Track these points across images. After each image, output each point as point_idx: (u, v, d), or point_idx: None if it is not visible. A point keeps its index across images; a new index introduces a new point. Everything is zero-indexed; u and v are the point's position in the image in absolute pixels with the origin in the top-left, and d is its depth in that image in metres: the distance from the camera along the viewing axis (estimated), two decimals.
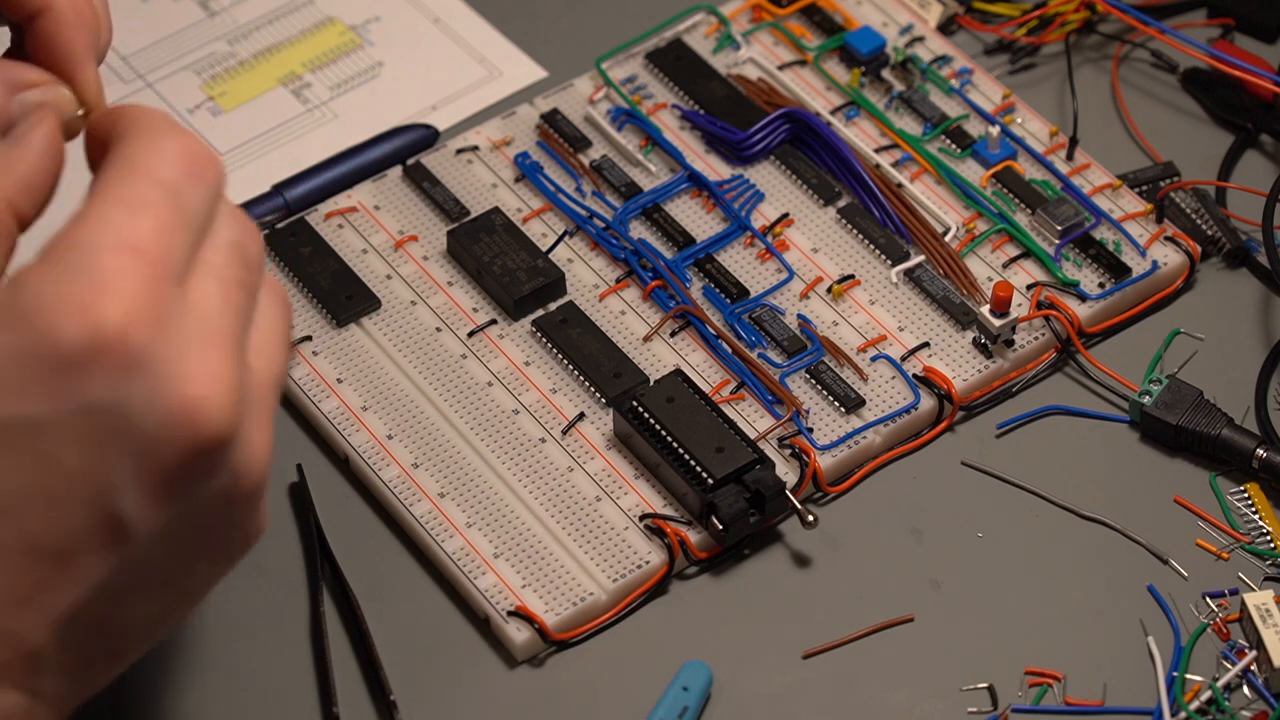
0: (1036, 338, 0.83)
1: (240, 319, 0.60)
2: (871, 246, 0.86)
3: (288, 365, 0.63)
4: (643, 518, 0.77)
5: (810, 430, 0.80)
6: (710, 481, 0.76)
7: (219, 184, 0.60)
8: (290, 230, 0.86)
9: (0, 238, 0.60)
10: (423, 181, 0.88)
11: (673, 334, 0.83)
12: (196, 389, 0.57)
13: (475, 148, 0.90)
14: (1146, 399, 0.81)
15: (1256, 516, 0.79)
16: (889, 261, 0.85)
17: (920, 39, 0.93)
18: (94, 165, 0.62)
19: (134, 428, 0.57)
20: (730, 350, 0.82)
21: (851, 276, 0.85)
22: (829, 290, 0.84)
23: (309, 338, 0.83)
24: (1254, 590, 0.76)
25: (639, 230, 0.87)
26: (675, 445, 0.77)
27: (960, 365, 0.82)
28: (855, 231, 0.86)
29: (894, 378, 0.82)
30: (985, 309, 0.82)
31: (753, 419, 0.80)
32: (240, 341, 0.60)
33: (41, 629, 0.58)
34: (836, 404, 0.81)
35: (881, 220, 0.87)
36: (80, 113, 0.67)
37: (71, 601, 0.58)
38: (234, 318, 0.60)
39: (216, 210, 0.60)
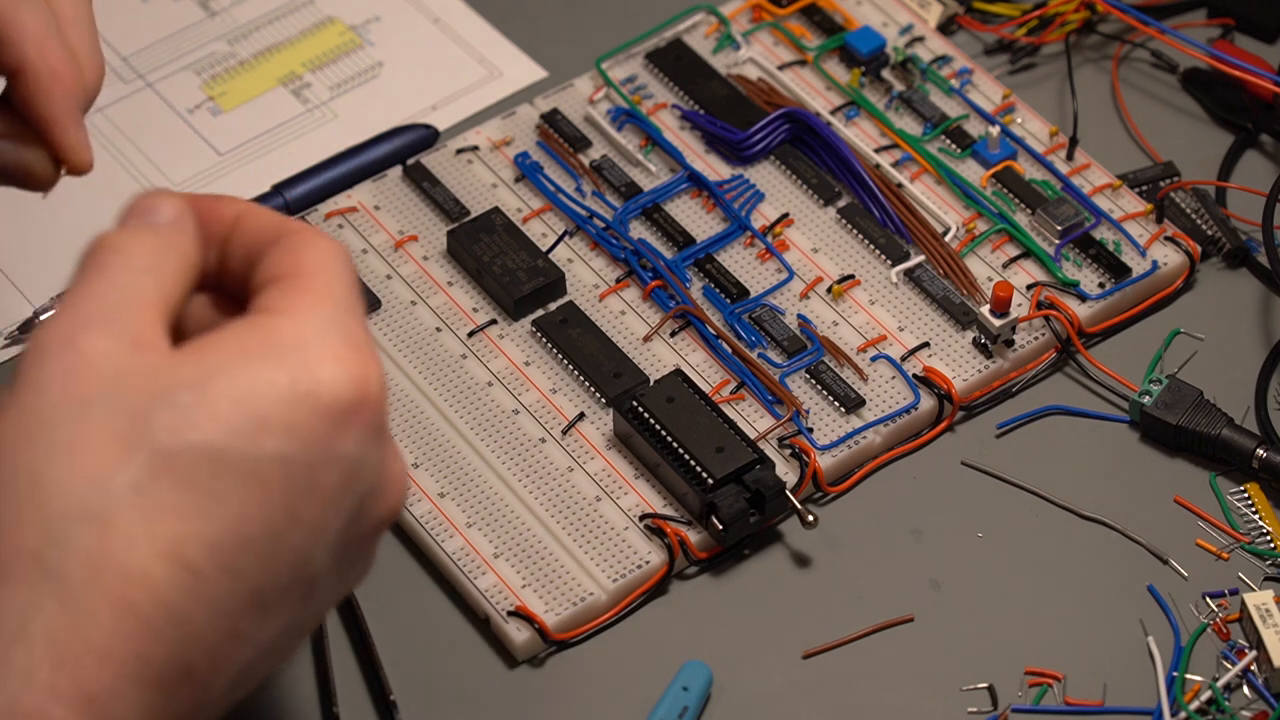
0: (1036, 338, 0.83)
1: None
2: (871, 246, 0.86)
3: None
4: (643, 518, 0.77)
5: (810, 430, 0.80)
6: (710, 481, 0.76)
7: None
8: None
9: (175, 314, 0.61)
10: (423, 181, 0.88)
11: (673, 334, 0.83)
12: (402, 472, 0.62)
13: (475, 148, 0.90)
14: (1146, 399, 0.81)
15: (1256, 516, 0.79)
16: (889, 261, 0.85)
17: (920, 39, 0.93)
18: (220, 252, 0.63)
19: (359, 489, 0.59)
20: (730, 350, 0.82)
21: (851, 276, 0.85)
22: (829, 290, 0.84)
23: None
24: (1254, 590, 0.76)
25: (639, 230, 0.87)
26: (675, 445, 0.77)
27: (960, 365, 0.82)
28: (855, 231, 0.86)
29: (894, 378, 0.82)
30: (985, 309, 0.82)
31: (753, 419, 0.80)
32: None
33: (224, 682, 0.58)
34: (836, 404, 0.81)
35: (881, 220, 0.87)
36: (63, 171, 0.70)
37: (256, 655, 0.58)
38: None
39: None
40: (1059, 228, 0.85)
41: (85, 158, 0.70)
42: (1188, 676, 0.74)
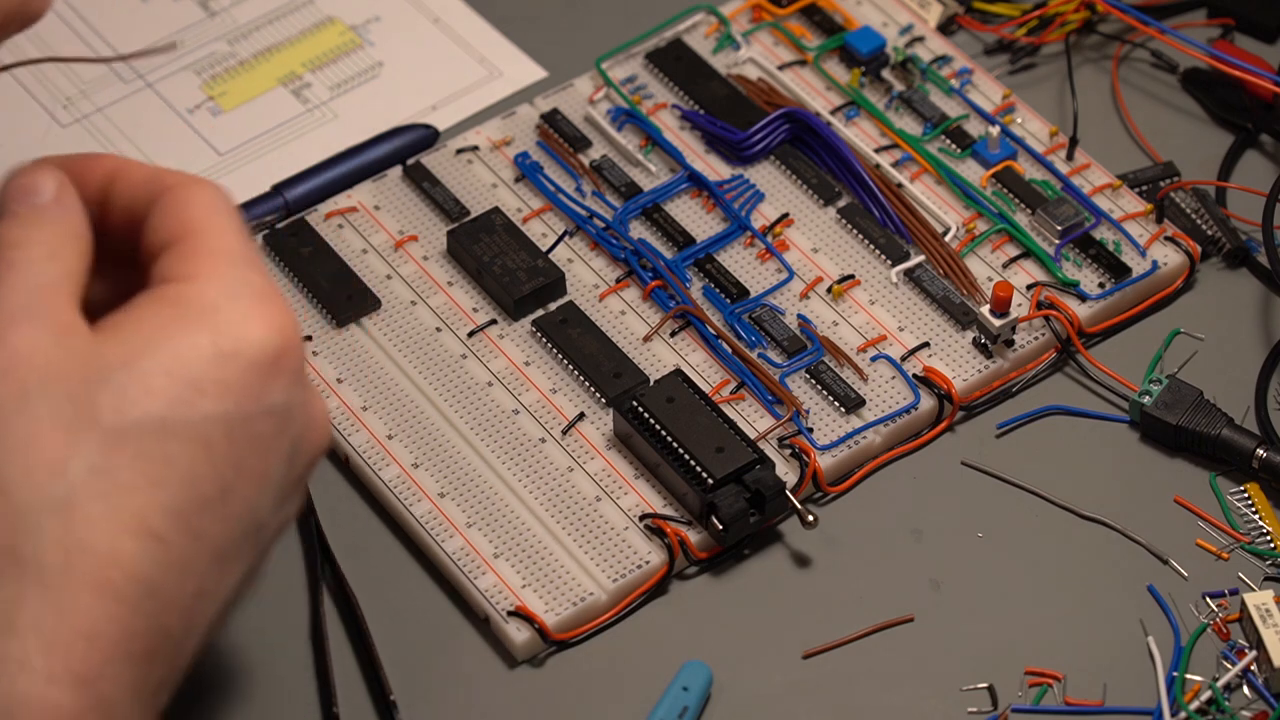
0: (1036, 338, 0.83)
1: None
2: (871, 246, 0.86)
3: None
4: (643, 518, 0.77)
5: (810, 430, 0.80)
6: (710, 481, 0.76)
7: None
8: (290, 230, 0.86)
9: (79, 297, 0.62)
10: (423, 181, 0.88)
11: (673, 334, 0.83)
12: (323, 405, 0.64)
13: (475, 148, 0.90)
14: (1146, 399, 0.81)
15: (1256, 516, 0.79)
16: (889, 261, 0.85)
17: (920, 39, 0.93)
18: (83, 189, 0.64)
19: (291, 431, 0.61)
20: (730, 350, 0.82)
21: (851, 276, 0.85)
22: (829, 290, 0.84)
23: (309, 338, 0.83)
24: (1254, 590, 0.76)
25: (639, 230, 0.87)
26: (675, 445, 0.77)
27: (960, 365, 0.82)
28: (855, 231, 0.86)
29: (894, 378, 0.82)
30: (985, 309, 0.82)
31: (753, 419, 0.80)
32: None
33: (195, 641, 0.60)
34: (836, 404, 0.81)
35: (881, 220, 0.87)
36: None
37: (217, 610, 0.61)
38: None
39: None
40: (1059, 228, 0.85)
41: None
42: (1188, 676, 0.74)
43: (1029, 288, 0.84)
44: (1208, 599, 0.76)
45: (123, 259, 0.64)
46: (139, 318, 0.60)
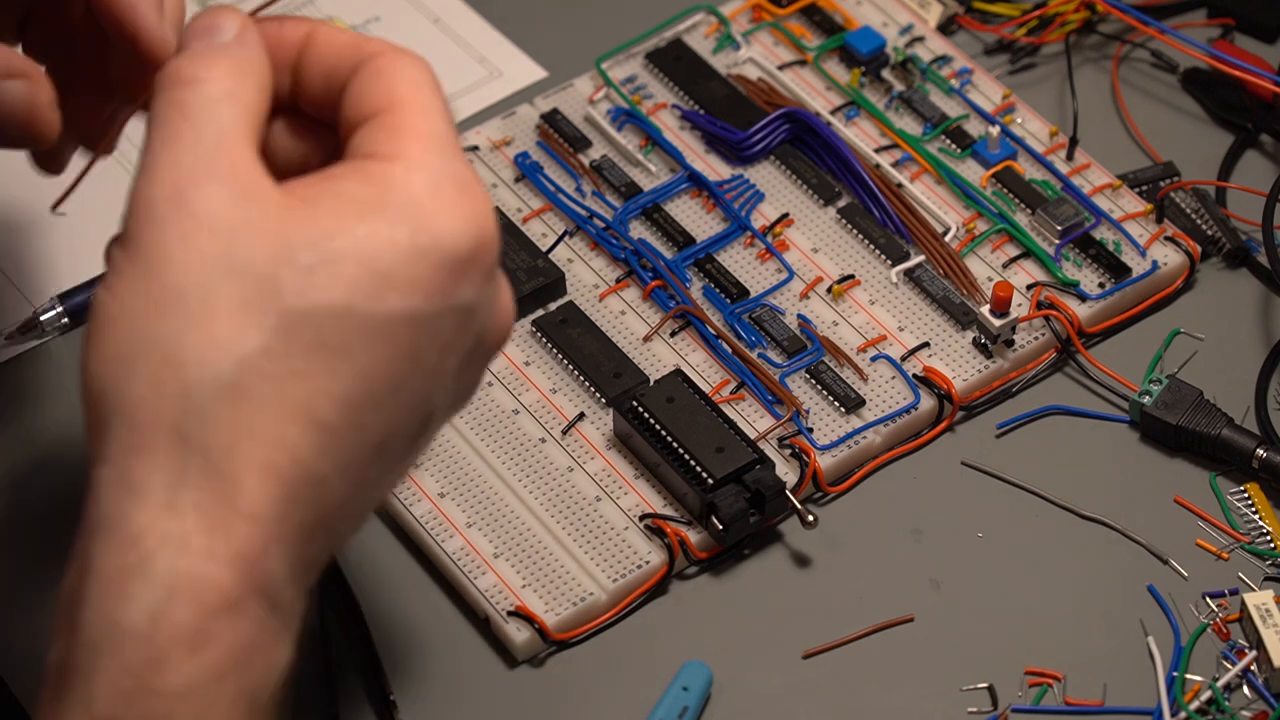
0: (1036, 338, 0.83)
1: None
2: (871, 246, 0.86)
3: None
4: (643, 518, 0.77)
5: (810, 430, 0.80)
6: (710, 481, 0.76)
7: None
8: None
9: (260, 140, 0.60)
10: None
11: (673, 334, 0.83)
12: (509, 298, 0.62)
13: (475, 148, 0.90)
14: (1146, 399, 0.81)
15: (1256, 516, 0.79)
16: (889, 261, 0.85)
17: (920, 39, 0.93)
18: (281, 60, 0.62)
19: (474, 328, 0.60)
20: (730, 350, 0.82)
21: (851, 276, 0.85)
22: (829, 290, 0.84)
23: None
24: (1254, 590, 0.76)
25: (639, 230, 0.87)
26: (675, 445, 0.77)
27: (960, 365, 0.82)
28: (855, 231, 0.86)
29: (894, 378, 0.82)
30: (985, 309, 0.82)
31: (753, 419, 0.80)
32: None
33: (350, 528, 0.59)
34: (836, 404, 0.81)
35: (881, 220, 0.87)
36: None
37: (379, 501, 0.60)
38: None
39: None
40: (1059, 228, 0.85)
41: (167, 45, 0.65)
42: (1188, 676, 0.74)
43: (1029, 288, 0.84)
44: (1208, 599, 0.76)
45: (321, 126, 0.62)
46: (337, 191, 0.58)
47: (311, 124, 0.63)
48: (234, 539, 0.55)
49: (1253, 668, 0.74)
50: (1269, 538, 0.78)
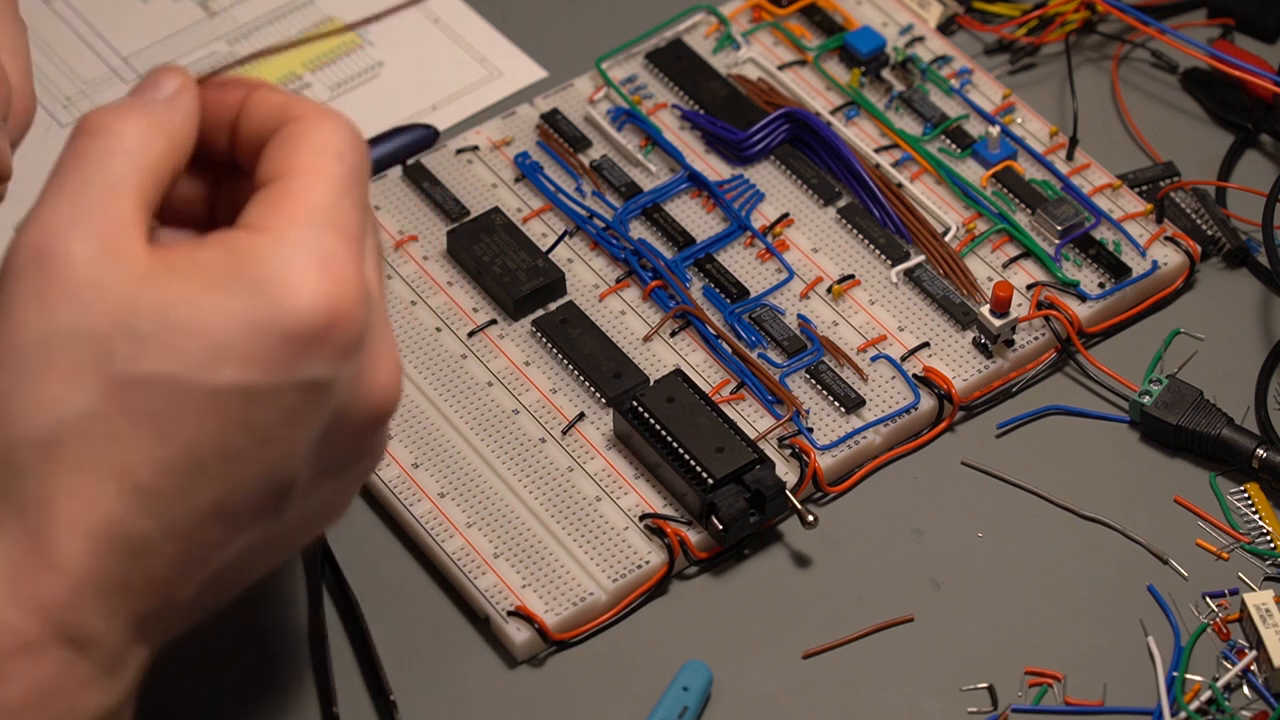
0: (1036, 338, 0.83)
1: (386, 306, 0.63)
2: (871, 246, 0.86)
3: None
4: (643, 518, 0.77)
5: (810, 430, 0.80)
6: (710, 481, 0.76)
7: (370, 165, 0.63)
8: None
9: (159, 199, 0.60)
10: (423, 181, 0.88)
11: (673, 334, 0.83)
12: (385, 375, 0.61)
13: (475, 148, 0.90)
14: (1146, 399, 0.81)
15: (1256, 516, 0.79)
16: (889, 261, 0.85)
17: (920, 39, 0.93)
18: (209, 132, 0.63)
19: (331, 404, 0.59)
20: (730, 350, 0.82)
21: (851, 276, 0.85)
22: (829, 290, 0.84)
23: None
24: (1254, 590, 0.76)
25: (639, 230, 0.87)
26: (675, 445, 0.77)
27: (960, 365, 0.82)
28: (855, 231, 0.86)
29: (894, 378, 0.82)
30: (985, 309, 0.82)
31: (753, 419, 0.80)
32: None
33: (192, 585, 0.60)
34: (836, 404, 0.81)
35: (881, 220, 0.87)
36: None
37: (226, 563, 0.60)
38: (386, 305, 0.63)
39: None
40: (1059, 228, 0.85)
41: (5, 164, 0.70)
42: (1188, 676, 0.74)
43: (1029, 288, 0.84)
44: (1208, 599, 0.76)
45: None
46: (196, 259, 0.58)
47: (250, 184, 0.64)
48: (40, 587, 0.57)
49: (1253, 668, 0.74)
50: (1269, 538, 0.78)
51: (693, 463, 0.77)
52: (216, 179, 0.65)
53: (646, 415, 0.78)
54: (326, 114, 0.62)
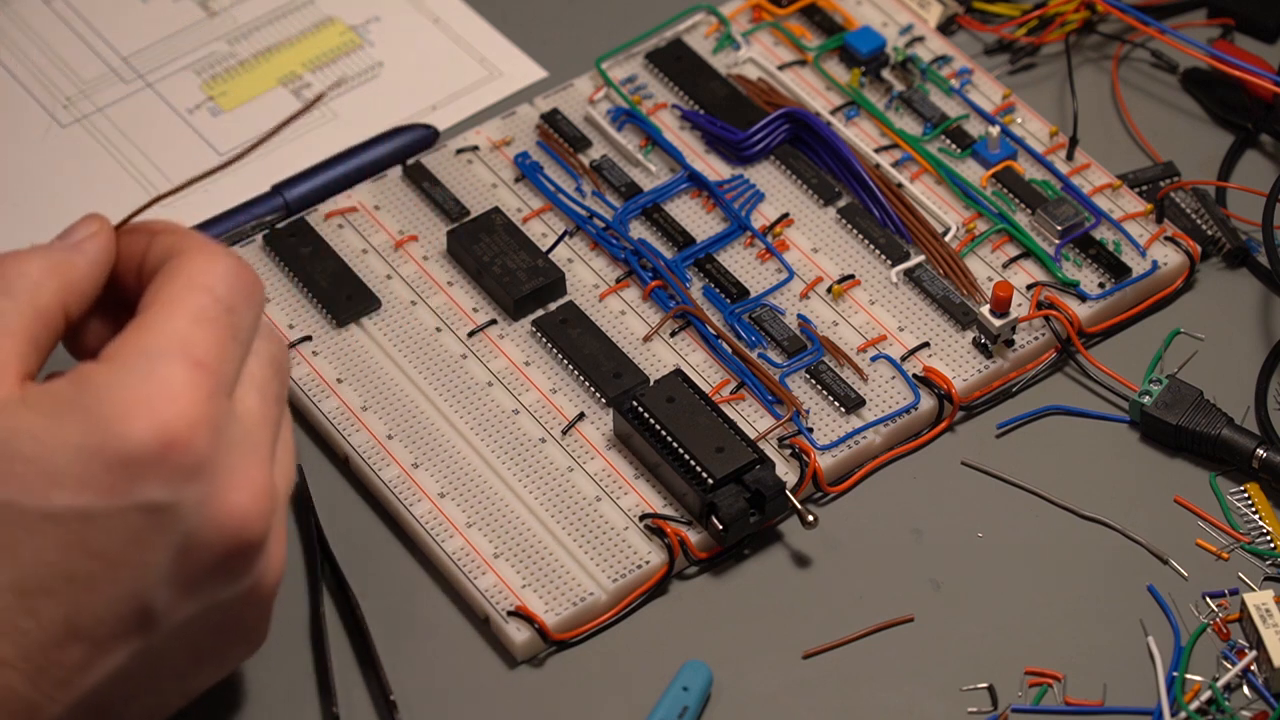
0: (1036, 338, 0.83)
1: (274, 431, 0.65)
2: (871, 246, 0.86)
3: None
4: (643, 518, 0.77)
5: (810, 430, 0.80)
6: (710, 481, 0.76)
7: (262, 302, 0.65)
8: (290, 230, 0.86)
9: (50, 338, 0.64)
10: (423, 181, 0.88)
11: (673, 334, 0.83)
12: (241, 497, 0.62)
13: (475, 148, 0.90)
14: (1146, 399, 0.81)
15: (1256, 516, 0.79)
16: (889, 261, 0.85)
17: (920, 39, 0.93)
18: (122, 276, 0.67)
19: (179, 527, 0.61)
20: (730, 350, 0.82)
21: (851, 276, 0.85)
22: (829, 290, 0.84)
23: (309, 338, 0.83)
24: (1254, 590, 0.76)
25: (639, 230, 0.87)
26: (675, 445, 0.77)
27: (960, 365, 0.82)
28: (855, 231, 0.86)
29: (894, 378, 0.82)
30: (985, 309, 0.82)
31: (753, 419, 0.80)
32: (273, 452, 0.64)
33: (59, 705, 0.62)
34: (836, 404, 0.81)
35: (881, 220, 0.87)
36: None
37: (94, 684, 0.62)
38: (270, 430, 0.64)
39: (258, 326, 0.65)
40: (1059, 228, 0.85)
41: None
42: (1188, 676, 0.74)
43: (1029, 288, 0.84)
44: (1208, 599, 0.76)
45: None
46: (46, 391, 0.61)
47: None
48: None
49: (1253, 668, 0.74)
50: (1269, 538, 0.78)
51: (693, 463, 0.77)
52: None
53: (646, 415, 0.78)
54: (205, 249, 0.64)
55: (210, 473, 0.61)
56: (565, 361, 0.82)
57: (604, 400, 0.81)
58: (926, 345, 0.83)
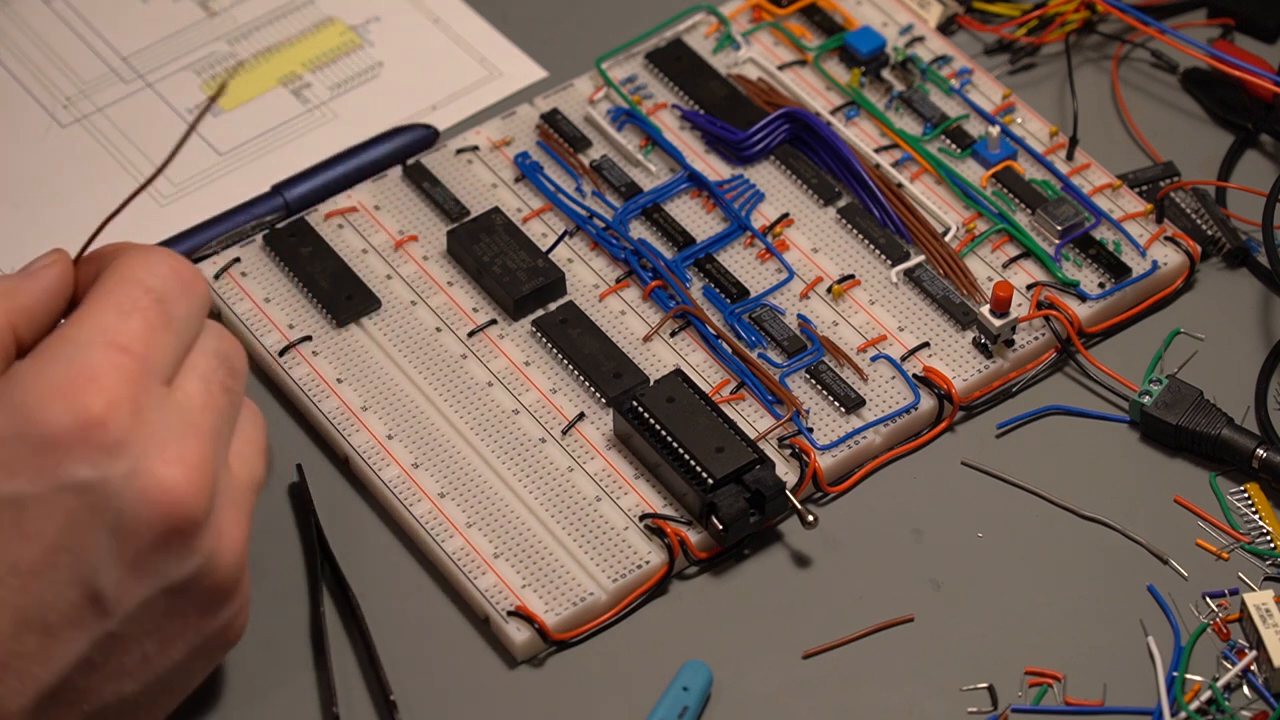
0: (1036, 338, 0.83)
1: (221, 419, 0.66)
2: (871, 246, 0.86)
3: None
4: (643, 518, 0.77)
5: (810, 430, 0.80)
6: (710, 481, 0.76)
7: (205, 298, 0.67)
8: (290, 230, 0.86)
9: None
10: (423, 181, 0.88)
11: (673, 334, 0.83)
12: (171, 471, 0.63)
13: (475, 148, 0.90)
14: (1146, 399, 0.81)
15: (1256, 516, 0.79)
16: (889, 261, 0.85)
17: (920, 39, 0.93)
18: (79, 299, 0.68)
19: (112, 504, 0.62)
20: (730, 350, 0.82)
21: (851, 276, 0.85)
22: (829, 290, 0.84)
23: (309, 338, 0.83)
24: (1254, 590, 0.76)
25: (639, 230, 0.87)
26: (675, 445, 0.77)
27: (960, 365, 0.82)
28: (855, 231, 0.86)
29: (894, 378, 0.82)
30: (985, 309, 0.82)
31: (753, 419, 0.80)
32: (221, 439, 0.65)
33: (23, 696, 0.62)
34: (836, 404, 0.81)
35: (881, 220, 0.87)
36: None
37: (55, 673, 0.63)
38: (215, 416, 0.65)
39: (203, 322, 0.66)
40: (1059, 228, 0.85)
41: None
42: (1188, 676, 0.74)
43: (1029, 288, 0.84)
44: (1208, 599, 0.76)
45: None
46: None
47: None
48: None
49: (1253, 668, 0.74)
50: (1269, 538, 0.78)
51: (693, 463, 0.77)
52: None
53: (646, 415, 0.78)
54: (143, 250, 0.66)
55: (137, 449, 0.62)
56: (565, 361, 0.82)
57: (604, 400, 0.81)
58: (926, 345, 0.83)
